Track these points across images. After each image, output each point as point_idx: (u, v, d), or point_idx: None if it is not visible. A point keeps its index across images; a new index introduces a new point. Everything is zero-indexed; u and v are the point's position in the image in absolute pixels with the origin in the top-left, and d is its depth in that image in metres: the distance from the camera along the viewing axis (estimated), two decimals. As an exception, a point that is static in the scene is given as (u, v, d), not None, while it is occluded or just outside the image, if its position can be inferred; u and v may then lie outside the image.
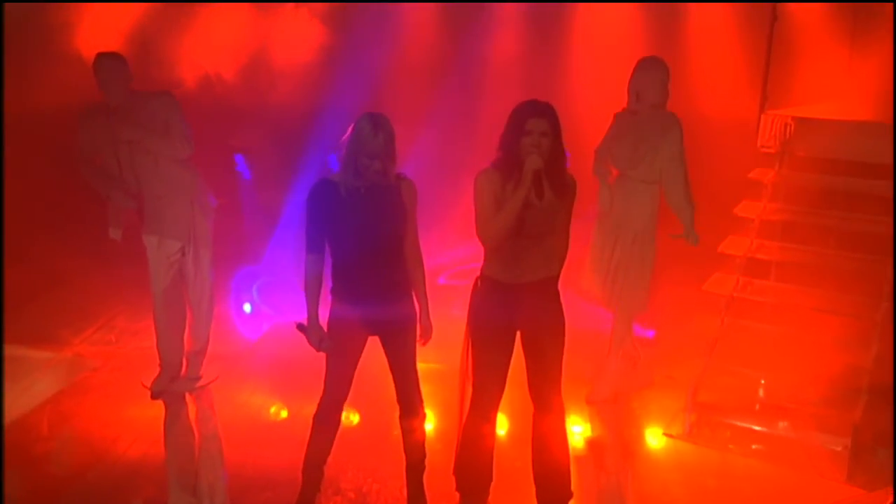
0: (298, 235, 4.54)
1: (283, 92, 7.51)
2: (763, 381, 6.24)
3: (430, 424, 5.25)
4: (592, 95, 6.88)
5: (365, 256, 4.41)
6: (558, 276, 4.55)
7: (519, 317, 4.52)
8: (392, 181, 4.38)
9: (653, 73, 5.76)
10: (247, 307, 7.47)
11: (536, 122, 4.20)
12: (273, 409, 6.10)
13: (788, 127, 6.66)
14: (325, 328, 4.52)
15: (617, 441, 5.89)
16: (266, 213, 7.84)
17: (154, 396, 6.15)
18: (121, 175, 5.82)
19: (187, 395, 6.24)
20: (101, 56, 5.64)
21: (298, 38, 7.61)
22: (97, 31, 6.58)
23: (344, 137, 4.33)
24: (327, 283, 4.52)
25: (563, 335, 4.58)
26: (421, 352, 4.68)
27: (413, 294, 4.62)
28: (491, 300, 4.51)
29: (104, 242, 6.12)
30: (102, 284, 7.52)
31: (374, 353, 4.67)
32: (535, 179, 4.20)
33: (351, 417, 5.72)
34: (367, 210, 4.35)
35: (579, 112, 6.40)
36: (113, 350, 6.91)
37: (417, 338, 4.66)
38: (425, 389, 4.78)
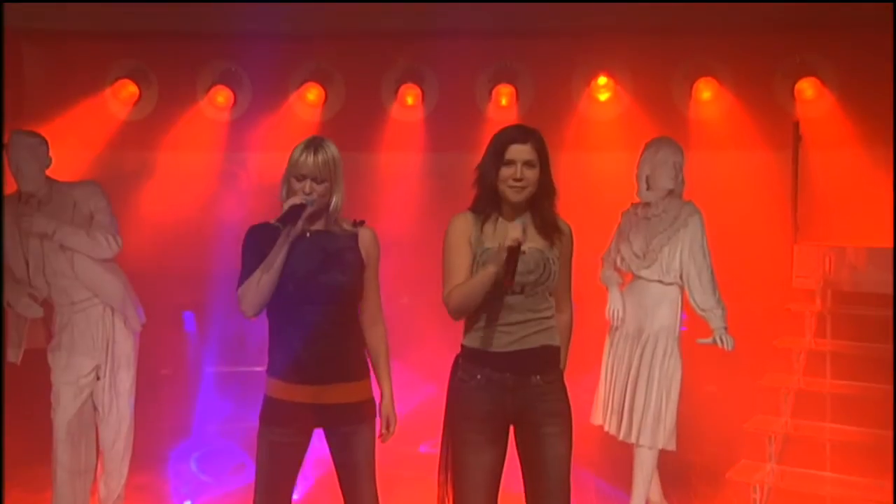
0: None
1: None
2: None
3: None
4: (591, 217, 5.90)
5: (310, 319, 3.49)
6: (561, 352, 3.59)
7: (512, 403, 3.49)
8: (343, 226, 3.59)
9: (663, 153, 5.01)
10: None
11: (519, 148, 3.47)
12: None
13: (828, 259, 5.81)
14: (259, 418, 3.57)
15: None
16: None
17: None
18: (28, 278, 4.85)
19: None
20: (14, 133, 4.83)
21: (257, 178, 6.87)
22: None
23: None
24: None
25: (570, 430, 3.54)
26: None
27: (373, 373, 3.68)
28: (475, 381, 3.49)
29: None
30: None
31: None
32: (509, 260, 3.33)
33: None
34: (311, 259, 3.50)
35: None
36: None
37: (377, 432, 3.65)
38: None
